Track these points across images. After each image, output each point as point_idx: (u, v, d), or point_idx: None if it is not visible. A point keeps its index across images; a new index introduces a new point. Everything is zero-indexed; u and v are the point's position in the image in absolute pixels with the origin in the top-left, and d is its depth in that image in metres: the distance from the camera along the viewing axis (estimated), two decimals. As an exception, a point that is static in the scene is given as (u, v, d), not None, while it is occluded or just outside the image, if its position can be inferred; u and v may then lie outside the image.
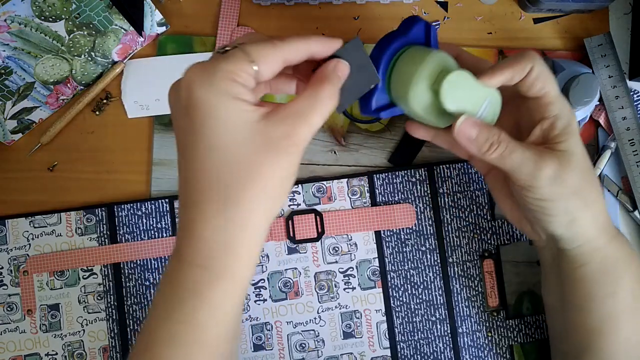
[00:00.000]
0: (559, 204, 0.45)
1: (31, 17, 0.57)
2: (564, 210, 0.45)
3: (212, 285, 0.38)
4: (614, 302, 0.47)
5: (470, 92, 0.44)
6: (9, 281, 0.58)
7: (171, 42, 0.60)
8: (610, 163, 0.59)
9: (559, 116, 0.45)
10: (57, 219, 0.58)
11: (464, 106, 0.44)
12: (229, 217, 0.37)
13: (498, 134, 0.44)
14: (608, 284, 0.47)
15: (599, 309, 0.48)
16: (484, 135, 0.44)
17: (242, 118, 0.36)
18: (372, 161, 0.60)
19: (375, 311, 0.58)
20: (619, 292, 0.47)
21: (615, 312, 0.47)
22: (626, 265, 0.48)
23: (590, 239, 0.47)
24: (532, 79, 0.45)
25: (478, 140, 0.44)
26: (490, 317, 0.58)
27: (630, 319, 0.48)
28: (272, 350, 0.58)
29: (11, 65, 0.58)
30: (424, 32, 0.47)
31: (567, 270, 0.49)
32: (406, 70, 0.45)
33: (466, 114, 0.44)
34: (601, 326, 0.48)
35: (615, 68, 0.58)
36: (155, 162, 0.60)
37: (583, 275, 0.48)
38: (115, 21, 0.59)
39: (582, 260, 0.47)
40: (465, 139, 0.44)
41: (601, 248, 0.47)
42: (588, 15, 0.61)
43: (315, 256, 0.58)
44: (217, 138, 0.36)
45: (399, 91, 0.46)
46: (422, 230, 0.59)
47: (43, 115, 0.60)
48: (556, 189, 0.44)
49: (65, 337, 0.58)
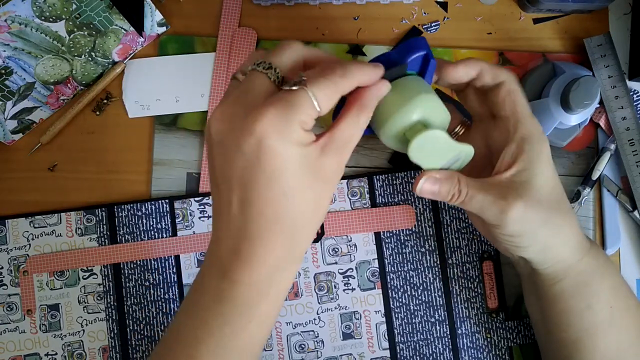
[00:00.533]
0: (528, 237, 0.45)
1: (31, 18, 0.57)
2: (534, 241, 0.45)
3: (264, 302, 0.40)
4: (591, 314, 0.47)
5: (440, 149, 0.44)
6: (8, 281, 0.58)
7: (172, 42, 0.60)
8: (610, 163, 0.59)
9: (528, 139, 0.45)
10: (57, 219, 0.58)
11: (428, 160, 0.44)
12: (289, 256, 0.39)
13: (457, 184, 0.44)
14: (584, 298, 0.47)
15: (576, 322, 0.48)
16: (445, 188, 0.45)
17: (308, 161, 0.37)
18: (372, 162, 0.60)
19: (375, 312, 0.58)
20: (595, 305, 0.47)
21: (593, 324, 0.47)
22: (601, 277, 0.48)
23: (563, 259, 0.47)
24: (503, 94, 0.46)
25: (441, 193, 0.45)
26: (489, 318, 0.58)
27: (609, 329, 0.48)
28: (272, 351, 0.58)
29: (11, 66, 0.58)
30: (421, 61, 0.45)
31: (542, 287, 0.49)
32: (388, 104, 0.43)
33: (428, 169, 0.45)
34: (580, 338, 0.48)
35: (615, 68, 0.58)
36: (155, 162, 0.60)
37: (559, 291, 0.48)
38: (116, 21, 0.59)
39: (557, 278, 0.47)
40: (429, 194, 0.45)
41: (575, 264, 0.47)
42: (588, 15, 0.61)
43: (315, 257, 0.58)
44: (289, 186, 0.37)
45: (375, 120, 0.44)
46: (422, 232, 0.59)
47: (43, 115, 0.60)
48: (523, 226, 0.44)
49: (65, 337, 0.58)
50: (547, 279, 0.48)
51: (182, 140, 0.60)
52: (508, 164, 0.45)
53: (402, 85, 0.44)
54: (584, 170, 0.60)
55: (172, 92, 0.60)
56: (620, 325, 0.48)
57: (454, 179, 0.44)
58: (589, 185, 0.58)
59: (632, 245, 0.60)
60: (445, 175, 0.44)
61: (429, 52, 0.43)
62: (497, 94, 0.46)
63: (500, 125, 0.47)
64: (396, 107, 0.42)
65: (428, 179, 0.45)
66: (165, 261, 0.58)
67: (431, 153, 0.43)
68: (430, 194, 0.45)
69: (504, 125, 0.46)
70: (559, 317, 0.49)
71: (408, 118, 0.42)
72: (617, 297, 0.48)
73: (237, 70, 0.40)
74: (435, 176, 0.44)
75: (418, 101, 0.42)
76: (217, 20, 0.60)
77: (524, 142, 0.45)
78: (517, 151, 0.45)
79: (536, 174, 0.44)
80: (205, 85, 0.60)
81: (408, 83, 0.44)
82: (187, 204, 0.58)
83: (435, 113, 0.43)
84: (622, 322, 0.48)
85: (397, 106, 0.42)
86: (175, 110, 0.60)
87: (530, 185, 0.44)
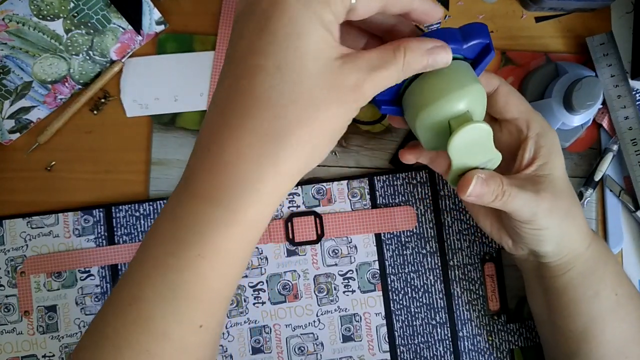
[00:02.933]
0: (553, 229, 0.45)
1: (29, 16, 0.57)
2: (557, 232, 0.46)
3: (226, 226, 0.33)
4: (599, 301, 0.47)
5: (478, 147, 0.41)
6: (6, 282, 0.57)
7: (171, 41, 0.60)
8: (612, 163, 0.59)
9: (542, 134, 0.46)
10: (55, 219, 0.58)
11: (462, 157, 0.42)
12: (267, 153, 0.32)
13: (501, 184, 0.43)
14: (592, 285, 0.48)
15: (585, 311, 0.48)
16: (491, 189, 0.42)
17: (322, 50, 0.32)
18: (372, 163, 0.60)
19: (375, 314, 0.58)
20: (602, 291, 0.48)
21: (601, 312, 0.48)
22: (605, 264, 0.48)
23: (574, 248, 0.47)
24: (504, 98, 0.46)
25: (486, 195, 0.42)
26: (491, 320, 0.58)
27: (615, 316, 0.48)
28: (271, 354, 0.58)
29: (9, 64, 0.58)
30: (479, 51, 0.42)
31: (550, 278, 0.49)
32: (435, 86, 0.40)
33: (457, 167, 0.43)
34: (589, 328, 0.48)
35: (617, 67, 0.58)
36: (153, 161, 0.59)
37: (566, 281, 0.48)
38: (114, 20, 0.58)
39: (566, 267, 0.48)
40: (476, 196, 0.42)
41: (583, 253, 0.47)
42: (590, 14, 0.61)
43: (314, 259, 0.58)
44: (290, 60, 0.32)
45: (415, 100, 0.41)
46: (423, 233, 0.58)
47: (41, 115, 0.59)
48: (551, 219, 0.45)
49: (62, 339, 0.57)
50: (555, 270, 0.48)
51: (180, 140, 0.59)
52: (529, 160, 0.46)
53: (457, 69, 0.40)
54: (586, 171, 0.59)
55: (170, 91, 0.59)
56: (626, 313, 0.48)
57: (497, 179, 0.43)
58: (591, 187, 0.58)
59: (634, 246, 0.59)
60: (489, 175, 0.43)
61: (491, 43, 0.41)
62: (497, 99, 0.47)
63: (509, 126, 0.48)
64: (446, 90, 0.39)
65: (478, 180, 0.42)
66: (164, 262, 0.58)
67: (468, 150, 0.41)
68: (477, 195, 0.42)
69: (514, 125, 0.47)
70: (567, 308, 0.48)
71: (457, 105, 0.40)
72: (620, 284, 0.49)
73: None
74: (482, 176, 0.42)
75: (472, 90, 0.40)
76: (216, 19, 0.60)
77: (539, 137, 0.46)
78: (536, 147, 0.46)
79: (555, 166, 0.45)
80: (204, 84, 0.59)
81: (460, 68, 0.41)
82: (185, 205, 0.58)
83: (479, 109, 0.42)
84: (627, 309, 0.48)
85: (447, 90, 0.39)
86: (173, 110, 0.59)
87: (552, 177, 0.45)
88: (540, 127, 0.46)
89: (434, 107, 0.40)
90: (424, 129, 0.42)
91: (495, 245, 0.58)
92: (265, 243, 0.58)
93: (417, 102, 0.41)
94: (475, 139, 0.41)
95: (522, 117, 0.46)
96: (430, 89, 0.40)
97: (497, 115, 0.48)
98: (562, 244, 0.47)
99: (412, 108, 0.41)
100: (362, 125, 0.59)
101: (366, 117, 0.59)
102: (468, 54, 0.42)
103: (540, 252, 0.47)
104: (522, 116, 0.46)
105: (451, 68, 0.40)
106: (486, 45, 0.41)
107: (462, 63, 0.41)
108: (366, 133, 0.59)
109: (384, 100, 0.44)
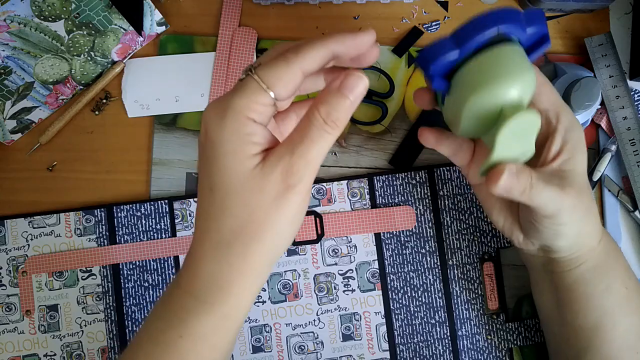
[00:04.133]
0: (573, 224, 0.45)
1: (30, 17, 0.57)
2: (576, 228, 0.45)
3: (200, 316, 0.37)
4: (610, 295, 0.47)
5: (522, 139, 0.40)
6: (7, 282, 0.58)
7: (172, 42, 0.60)
8: (610, 163, 0.59)
9: (570, 128, 0.45)
10: (56, 219, 0.58)
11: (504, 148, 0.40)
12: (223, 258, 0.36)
13: (529, 178, 0.42)
14: (603, 279, 0.48)
15: (597, 306, 0.48)
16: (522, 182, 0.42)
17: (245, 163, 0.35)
18: (372, 163, 0.60)
19: (375, 313, 0.58)
20: (613, 285, 0.48)
21: (612, 306, 0.47)
22: (615, 259, 0.49)
23: (587, 243, 0.47)
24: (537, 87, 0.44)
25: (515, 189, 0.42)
26: (489, 320, 0.58)
27: (626, 311, 0.48)
28: (271, 352, 0.58)
29: (10, 65, 0.58)
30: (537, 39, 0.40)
31: (560, 273, 0.49)
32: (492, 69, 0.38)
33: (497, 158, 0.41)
34: (600, 323, 0.48)
35: (615, 68, 0.58)
36: (155, 162, 0.59)
37: (578, 275, 0.48)
38: (115, 21, 0.58)
39: (578, 262, 0.48)
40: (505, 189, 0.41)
41: (595, 247, 0.47)
42: (589, 15, 0.61)
43: (314, 258, 0.58)
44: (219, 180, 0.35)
45: (469, 80, 0.39)
46: (422, 233, 0.59)
47: (42, 115, 0.60)
48: (574, 215, 0.44)
49: (64, 338, 0.58)
50: (566, 265, 0.48)
51: (181, 140, 0.59)
52: (555, 154, 0.45)
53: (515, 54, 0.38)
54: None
55: (171, 91, 0.60)
56: (636, 306, 0.48)
57: (527, 172, 0.42)
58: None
59: (633, 246, 0.59)
60: (520, 168, 0.42)
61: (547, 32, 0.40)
62: None
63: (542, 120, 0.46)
64: (506, 75, 0.38)
65: (510, 172, 0.41)
66: (165, 262, 0.58)
67: (513, 141, 0.39)
68: (507, 189, 0.41)
69: (544, 116, 0.45)
70: (577, 302, 0.48)
71: (513, 92, 0.38)
72: (630, 278, 0.49)
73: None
74: (513, 170, 0.41)
75: (529, 78, 0.38)
76: (217, 20, 0.60)
77: (567, 131, 0.45)
78: (563, 141, 0.45)
79: (579, 161, 0.45)
80: (205, 84, 0.60)
81: (521, 54, 0.39)
82: (186, 205, 0.58)
83: (528, 98, 0.40)
84: (637, 303, 0.48)
85: (507, 75, 0.38)
86: (174, 110, 0.59)
87: (576, 172, 0.44)
88: (569, 121, 0.45)
89: (489, 90, 0.38)
90: (472, 111, 0.40)
91: (494, 245, 0.59)
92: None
93: (471, 82, 0.39)
94: (522, 130, 0.39)
95: (553, 109, 0.45)
96: (488, 69, 0.38)
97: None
98: (578, 240, 0.46)
99: (463, 88, 0.39)
100: (362, 125, 0.59)
101: (366, 117, 0.59)
102: (525, 40, 0.40)
103: (554, 247, 0.47)
104: (553, 108, 0.45)
105: (512, 53, 0.38)
106: (544, 34, 0.40)
107: (520, 49, 0.39)
108: (366, 133, 0.60)
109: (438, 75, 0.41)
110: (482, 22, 0.38)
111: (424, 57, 0.40)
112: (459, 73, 0.40)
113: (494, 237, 0.59)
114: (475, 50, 0.39)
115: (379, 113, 0.59)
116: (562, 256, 0.47)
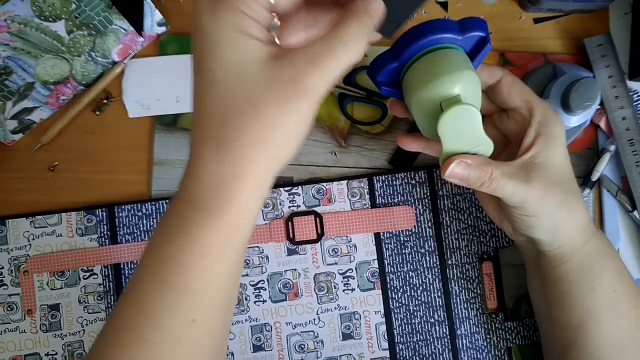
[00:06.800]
0: (545, 217, 0.46)
1: (31, 17, 0.57)
2: (549, 221, 0.47)
3: (201, 225, 0.35)
4: (594, 297, 0.48)
5: (468, 132, 0.43)
6: (9, 281, 0.58)
7: (173, 42, 0.60)
8: (609, 163, 0.59)
9: (544, 122, 0.47)
10: (58, 219, 0.58)
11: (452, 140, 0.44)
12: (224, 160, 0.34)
13: (490, 172, 0.44)
14: (587, 281, 0.48)
15: (579, 304, 0.48)
16: (476, 174, 0.44)
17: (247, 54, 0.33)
18: (372, 163, 0.60)
19: (375, 313, 0.58)
20: (598, 288, 0.48)
21: (596, 307, 0.48)
22: (605, 261, 0.49)
23: (570, 241, 0.48)
24: (507, 87, 0.48)
25: (470, 179, 0.45)
26: (488, 319, 0.59)
27: (611, 313, 0.48)
28: (272, 351, 0.58)
29: (11, 65, 0.58)
30: (475, 44, 0.45)
31: (547, 268, 0.50)
32: (429, 70, 0.42)
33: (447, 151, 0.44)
34: (584, 321, 0.48)
35: (615, 68, 0.58)
36: (155, 162, 0.60)
37: (563, 273, 0.49)
38: (115, 21, 0.59)
39: (562, 260, 0.48)
40: (458, 178, 0.45)
41: (580, 248, 0.48)
42: (588, 15, 0.61)
43: (314, 257, 0.58)
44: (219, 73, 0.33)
45: (411, 82, 0.44)
46: (422, 233, 0.59)
47: (43, 116, 0.60)
48: (542, 207, 0.46)
49: (65, 337, 0.58)
50: (552, 261, 0.49)
51: (182, 140, 0.60)
52: (528, 146, 0.47)
53: (452, 56, 0.43)
54: (583, 171, 0.60)
55: (172, 92, 0.60)
56: (623, 310, 0.49)
57: (486, 166, 0.44)
58: (588, 187, 0.58)
59: (631, 246, 0.60)
60: (478, 161, 0.44)
61: (488, 36, 0.44)
62: (500, 89, 0.48)
63: (514, 114, 0.49)
64: (439, 73, 0.42)
65: (460, 163, 0.44)
66: (166, 261, 0.58)
67: (457, 133, 0.43)
68: (459, 178, 0.45)
69: (518, 114, 0.48)
70: (562, 300, 0.49)
71: (448, 88, 0.42)
72: (620, 282, 0.49)
73: None
74: (467, 162, 0.44)
75: (463, 75, 0.42)
76: (217, 20, 0.60)
77: (540, 125, 0.47)
78: (536, 133, 0.46)
79: (551, 155, 0.46)
80: (205, 85, 0.60)
81: (458, 56, 0.43)
82: (187, 204, 0.58)
83: (472, 96, 0.43)
84: (625, 307, 0.49)
85: (440, 73, 0.42)
86: (175, 110, 0.60)
87: (547, 166, 0.46)
88: (543, 115, 0.47)
89: (426, 89, 0.42)
90: (418, 110, 0.44)
91: (493, 245, 0.59)
92: (266, 242, 0.58)
93: (413, 84, 0.43)
94: (465, 123, 0.42)
95: (525, 105, 0.48)
96: (425, 72, 0.42)
97: (502, 104, 0.49)
98: (557, 234, 0.47)
99: (408, 90, 0.44)
100: (362, 125, 0.60)
101: (366, 117, 0.60)
102: (465, 46, 0.44)
103: (534, 239, 0.48)
104: (524, 104, 0.48)
105: (447, 55, 0.42)
106: (482, 38, 0.44)
107: (458, 52, 0.43)
108: (365, 133, 0.60)
109: (384, 82, 0.46)
110: (413, 33, 0.43)
111: (371, 70, 0.46)
112: (404, 78, 0.45)
113: (493, 236, 0.59)
114: (413, 58, 0.44)
115: (379, 113, 0.59)
116: (547, 250, 0.49)
